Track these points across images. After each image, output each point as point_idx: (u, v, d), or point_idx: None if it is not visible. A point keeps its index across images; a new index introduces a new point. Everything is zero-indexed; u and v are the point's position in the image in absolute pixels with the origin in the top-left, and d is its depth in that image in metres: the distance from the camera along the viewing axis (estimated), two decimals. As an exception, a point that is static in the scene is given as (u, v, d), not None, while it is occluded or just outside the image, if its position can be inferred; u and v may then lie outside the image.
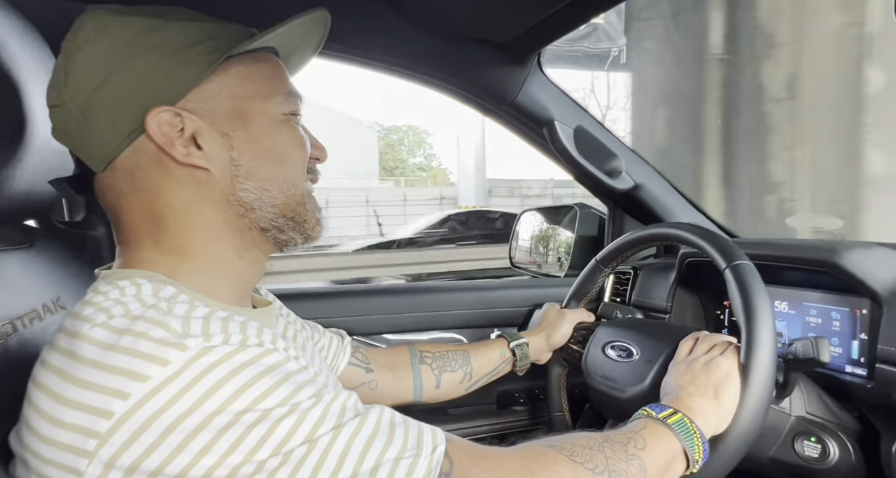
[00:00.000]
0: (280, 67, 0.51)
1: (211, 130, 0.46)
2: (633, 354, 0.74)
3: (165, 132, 0.43)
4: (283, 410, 0.37)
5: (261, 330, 0.41)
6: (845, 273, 0.68)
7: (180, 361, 0.35)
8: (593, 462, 0.47)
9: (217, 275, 0.47)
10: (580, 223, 1.27)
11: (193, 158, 0.45)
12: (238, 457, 0.35)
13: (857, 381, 0.69)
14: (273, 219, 0.48)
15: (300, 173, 0.51)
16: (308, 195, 0.52)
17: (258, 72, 0.48)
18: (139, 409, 0.34)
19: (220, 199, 0.46)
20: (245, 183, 0.47)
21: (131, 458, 0.34)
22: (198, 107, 0.45)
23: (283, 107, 0.49)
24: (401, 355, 0.80)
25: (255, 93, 0.48)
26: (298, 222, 0.50)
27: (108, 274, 0.44)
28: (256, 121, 0.47)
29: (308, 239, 0.52)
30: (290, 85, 0.51)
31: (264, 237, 0.49)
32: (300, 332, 0.63)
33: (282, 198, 0.49)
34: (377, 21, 0.88)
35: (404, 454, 0.39)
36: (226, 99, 0.46)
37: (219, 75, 0.46)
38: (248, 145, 0.47)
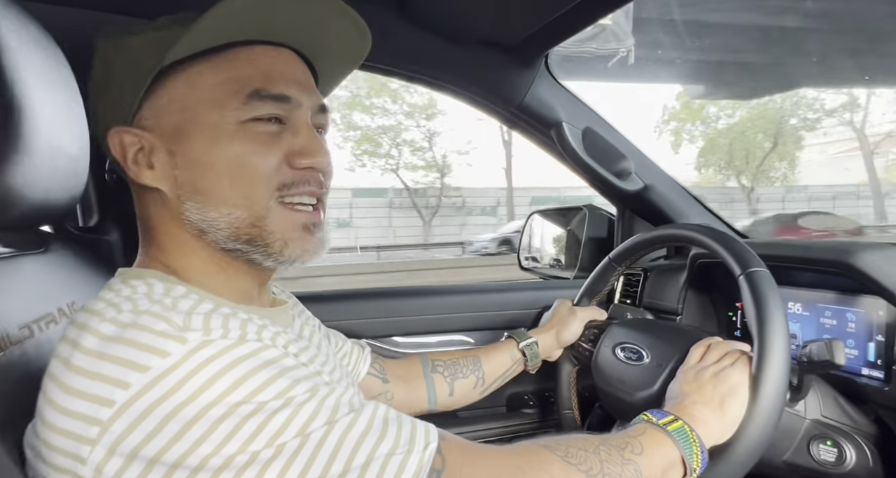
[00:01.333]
0: (253, 64, 0.45)
1: (161, 147, 0.45)
2: (643, 358, 0.73)
3: (123, 152, 0.45)
4: (277, 403, 0.37)
5: (262, 328, 0.41)
6: (860, 274, 0.66)
7: (180, 353, 0.36)
8: (587, 464, 0.47)
9: (215, 281, 0.47)
10: (589, 225, 1.27)
11: (141, 177, 0.45)
12: (233, 447, 0.35)
13: (874, 383, 0.67)
14: (226, 241, 0.45)
15: (253, 191, 0.44)
16: (270, 214, 0.45)
17: (211, 76, 0.44)
18: (139, 398, 0.35)
19: (176, 216, 0.45)
20: (186, 203, 0.45)
21: (131, 445, 0.35)
22: (150, 123, 0.45)
23: (238, 113, 0.44)
24: (413, 366, 0.80)
25: (204, 101, 0.44)
26: (257, 246, 0.45)
27: (124, 272, 0.46)
28: (200, 134, 0.44)
29: (280, 262, 0.47)
30: (264, 84, 0.44)
31: (233, 256, 0.46)
32: (316, 333, 0.63)
33: (224, 220, 0.44)
34: (385, 24, 0.88)
35: (396, 450, 0.39)
36: (173, 112, 0.44)
37: (167, 86, 0.44)
38: (188, 162, 0.44)
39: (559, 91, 1.03)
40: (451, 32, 0.91)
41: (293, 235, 0.46)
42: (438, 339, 1.10)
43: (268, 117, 0.45)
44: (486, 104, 1.03)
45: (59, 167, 0.55)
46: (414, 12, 0.86)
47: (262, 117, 0.44)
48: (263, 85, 0.44)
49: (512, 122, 1.08)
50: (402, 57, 0.94)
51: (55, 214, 0.59)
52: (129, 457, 0.35)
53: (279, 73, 0.46)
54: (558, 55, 1.02)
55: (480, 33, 0.91)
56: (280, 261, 0.47)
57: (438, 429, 0.44)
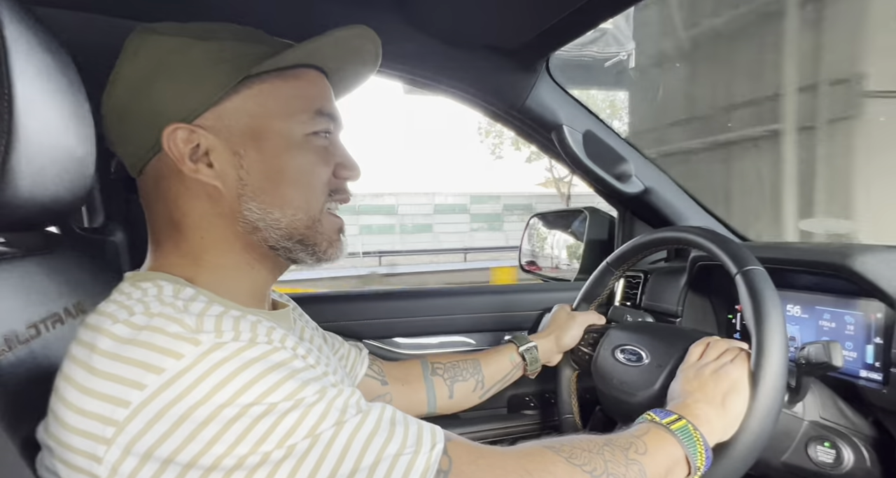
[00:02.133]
0: (315, 85, 0.51)
1: (224, 148, 0.47)
2: (643, 359, 0.74)
3: (178, 148, 0.46)
4: (287, 404, 0.38)
5: (272, 329, 0.42)
6: (858, 277, 0.67)
7: (193, 355, 0.37)
8: (591, 465, 0.47)
9: (232, 280, 0.49)
10: (590, 227, 1.27)
11: (201, 175, 0.47)
12: (245, 447, 0.36)
13: (872, 385, 0.68)
14: (279, 240, 0.49)
15: (313, 197, 0.50)
16: (323, 218, 0.51)
17: (283, 90, 0.48)
18: (154, 399, 0.36)
19: (229, 214, 0.48)
20: (249, 203, 0.47)
21: (146, 445, 0.36)
22: (213, 124, 0.47)
23: (304, 127, 0.49)
24: (413, 368, 0.80)
25: (275, 112, 0.48)
26: (307, 245, 0.50)
27: (133, 275, 0.47)
28: (270, 141, 0.48)
29: (320, 261, 0.52)
30: (322, 103, 0.51)
31: (275, 253, 0.50)
32: (316, 336, 0.64)
33: (286, 221, 0.48)
34: (386, 28, 0.89)
35: (404, 451, 0.40)
36: (242, 117, 0.47)
37: (240, 93, 0.47)
38: (257, 165, 0.47)
39: (560, 94, 1.03)
40: (452, 36, 0.91)
41: (335, 238, 0.53)
42: (439, 340, 1.11)
43: (324, 132, 0.50)
44: (488, 107, 1.04)
45: (65, 169, 0.55)
46: (416, 16, 0.87)
47: (319, 132, 0.50)
48: (322, 104, 0.51)
49: (513, 124, 1.08)
50: (404, 60, 0.95)
51: (61, 214, 0.59)
52: (144, 457, 0.36)
53: (329, 94, 0.53)
54: (559, 59, 1.03)
55: (482, 37, 0.92)
56: (321, 260, 0.52)
57: (444, 430, 0.44)
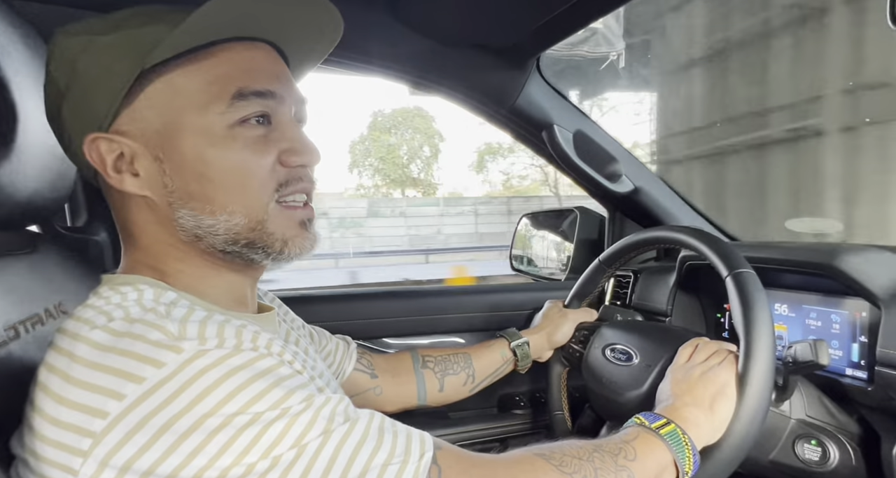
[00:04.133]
0: (234, 61, 0.43)
1: (145, 154, 0.43)
2: (632, 358, 0.74)
3: (101, 159, 0.42)
4: (273, 413, 0.37)
5: (257, 335, 0.41)
6: (844, 276, 0.68)
7: (175, 363, 0.35)
8: (582, 473, 0.47)
9: (206, 284, 0.46)
10: (581, 227, 1.28)
11: (126, 185, 0.43)
12: (228, 459, 0.35)
13: (858, 384, 0.69)
14: (225, 245, 0.44)
15: (250, 195, 0.44)
16: (269, 217, 0.45)
17: (194, 77, 0.42)
18: (133, 409, 0.34)
19: (168, 223, 0.44)
20: (180, 211, 0.43)
21: (124, 457, 0.34)
22: (130, 129, 0.42)
23: (227, 116, 0.42)
24: (403, 361, 0.80)
25: (189, 105, 0.42)
26: (256, 247, 0.45)
27: (111, 278, 0.45)
28: (188, 140, 0.42)
29: (278, 261, 0.47)
30: (245, 82, 0.43)
31: (229, 258, 0.46)
32: (302, 338, 0.63)
33: (222, 226, 0.43)
34: (376, 26, 0.89)
35: (392, 460, 0.39)
36: (155, 117, 0.42)
37: (147, 90, 0.42)
38: (178, 169, 0.42)
39: (550, 94, 1.03)
40: (443, 35, 0.91)
41: (292, 234, 0.46)
42: (430, 341, 1.10)
43: (255, 117, 0.44)
44: (478, 106, 1.03)
45: (48, 167, 0.54)
46: (406, 15, 0.87)
47: (248, 118, 0.43)
48: (245, 83, 0.43)
49: (503, 124, 1.08)
50: (393, 59, 0.94)
51: (43, 213, 0.58)
52: (123, 469, 0.34)
53: (259, 69, 0.44)
54: (549, 58, 1.03)
55: (472, 36, 0.91)
56: (280, 260, 0.47)
57: (434, 438, 0.44)
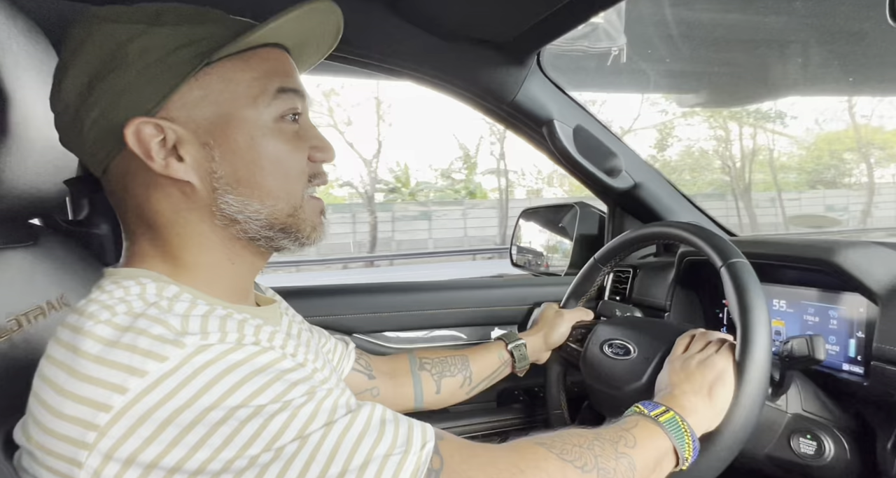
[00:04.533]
0: (275, 62, 0.48)
1: (193, 140, 0.44)
2: (630, 352, 0.74)
3: (144, 143, 0.43)
4: (275, 406, 0.37)
5: (259, 328, 0.41)
6: (842, 272, 0.68)
7: (178, 357, 0.36)
8: (582, 460, 0.48)
9: (214, 277, 0.47)
10: (580, 222, 1.28)
11: (171, 170, 0.44)
12: (231, 451, 0.35)
13: (854, 379, 0.69)
14: (260, 230, 0.47)
15: (291, 184, 0.48)
16: (304, 204, 0.49)
17: (244, 73, 0.46)
18: (137, 403, 0.35)
19: (204, 209, 0.46)
20: (225, 196, 0.45)
21: (128, 450, 0.35)
22: (179, 116, 0.44)
23: (272, 109, 0.46)
24: (401, 363, 0.80)
25: (239, 97, 0.45)
26: (290, 233, 0.49)
27: (114, 272, 0.45)
28: (240, 129, 0.45)
29: (303, 246, 0.51)
30: (283, 80, 0.47)
31: (255, 244, 0.49)
32: (304, 329, 0.64)
33: (266, 211, 0.47)
34: (376, 21, 0.88)
35: (393, 451, 0.40)
36: (207, 106, 0.44)
37: (201, 81, 0.44)
38: (228, 156, 0.45)
39: (551, 89, 1.03)
40: (443, 30, 0.91)
41: (317, 221, 0.51)
42: (430, 334, 1.11)
43: (292, 114, 0.48)
44: (478, 101, 1.03)
45: (49, 160, 0.55)
46: (406, 9, 0.86)
47: (287, 114, 0.47)
48: (285, 81, 0.47)
49: (504, 119, 1.08)
50: (394, 54, 0.94)
51: (45, 206, 0.58)
52: (127, 462, 0.35)
53: (291, 70, 0.49)
54: (550, 53, 1.02)
55: (473, 31, 0.91)
56: (304, 245, 0.51)
57: (436, 428, 0.44)
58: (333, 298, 1.06)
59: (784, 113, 16.92)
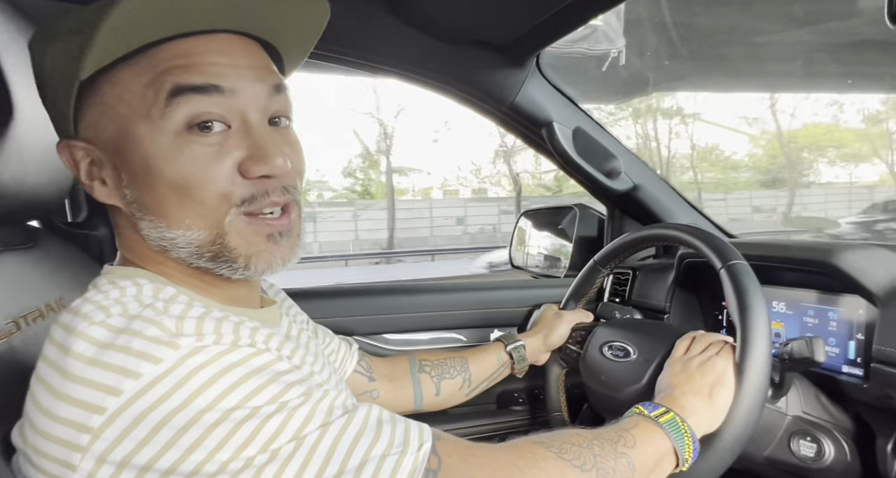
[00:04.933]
0: (182, 56, 0.39)
1: (107, 162, 0.42)
2: (630, 354, 0.74)
3: (76, 166, 0.43)
4: (271, 407, 0.37)
5: (255, 331, 0.41)
6: (841, 274, 0.68)
7: (172, 359, 0.36)
8: (581, 460, 0.47)
9: (199, 287, 0.46)
10: (580, 224, 1.28)
11: (96, 193, 0.43)
12: (227, 453, 0.35)
13: (854, 381, 0.69)
14: (190, 258, 0.43)
15: (204, 210, 0.41)
16: (231, 230, 0.42)
17: (136, 81, 0.39)
18: (131, 405, 0.35)
19: (140, 233, 0.43)
20: (141, 222, 0.42)
21: (123, 453, 0.35)
22: (90, 136, 0.41)
23: (169, 120, 0.39)
24: (400, 365, 0.80)
25: (131, 111, 0.39)
26: (222, 262, 0.43)
27: (111, 271, 0.45)
28: (136, 149, 0.40)
29: (247, 274, 0.44)
30: (183, 77, 0.39)
31: (201, 272, 0.44)
32: (305, 331, 0.63)
33: (183, 240, 0.41)
34: (376, 23, 0.88)
35: (390, 451, 0.39)
36: (108, 124, 0.40)
37: (98, 95, 0.40)
38: (133, 180, 0.41)
39: (550, 91, 1.03)
40: (442, 32, 0.91)
41: (257, 249, 0.43)
42: (430, 336, 1.11)
43: (202, 123, 0.39)
44: (478, 103, 1.04)
45: (47, 162, 0.55)
46: (405, 11, 0.86)
47: (193, 123, 0.39)
48: (182, 78, 0.38)
49: (503, 121, 1.08)
50: (393, 56, 0.94)
51: (43, 208, 0.58)
52: (121, 465, 0.35)
53: (205, 61, 0.39)
54: (549, 56, 1.03)
55: (472, 33, 0.91)
56: (248, 275, 0.44)
57: (433, 428, 0.44)
58: (333, 300, 1.06)
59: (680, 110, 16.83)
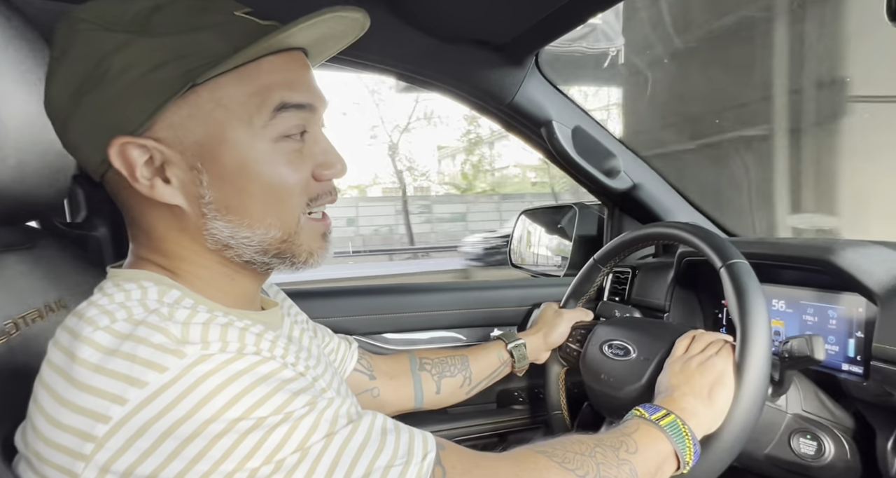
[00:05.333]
0: (279, 73, 0.43)
1: (180, 162, 0.42)
2: (630, 353, 0.74)
3: (129, 164, 0.41)
4: (276, 418, 0.37)
5: (260, 336, 0.41)
6: (841, 272, 0.68)
7: (178, 368, 0.35)
8: (584, 469, 0.47)
9: (213, 286, 0.46)
10: (579, 223, 1.28)
11: (157, 193, 0.42)
12: (231, 464, 0.35)
13: (854, 378, 0.69)
14: (254, 255, 0.45)
15: (285, 210, 0.45)
16: (301, 230, 0.46)
17: (238, 89, 0.41)
18: (136, 414, 0.34)
19: (195, 231, 0.44)
20: (214, 222, 0.43)
21: (126, 463, 0.34)
22: (166, 136, 0.41)
23: (270, 130, 0.42)
24: (401, 363, 0.80)
25: (231, 117, 0.41)
26: (284, 258, 0.46)
27: (116, 274, 0.45)
28: (230, 153, 0.42)
29: (300, 269, 0.48)
30: (288, 96, 0.43)
31: (250, 265, 0.46)
32: (306, 331, 0.63)
33: (258, 239, 0.44)
34: (375, 22, 0.88)
35: (395, 462, 0.39)
36: (196, 127, 0.41)
37: (189, 99, 0.41)
38: (217, 182, 0.42)
39: (549, 90, 1.03)
40: (442, 31, 0.91)
41: (316, 245, 0.48)
42: (429, 335, 1.11)
43: (295, 133, 0.44)
44: (477, 102, 1.03)
45: (46, 163, 0.54)
46: (405, 11, 0.86)
47: (288, 133, 0.44)
48: (287, 96, 0.43)
49: (502, 120, 1.08)
50: (392, 55, 0.94)
51: (41, 209, 0.58)
52: (124, 475, 0.34)
53: (299, 80, 0.44)
54: (548, 54, 1.02)
55: (471, 32, 0.91)
56: (300, 269, 0.48)
57: (437, 438, 0.44)
58: (333, 300, 1.06)
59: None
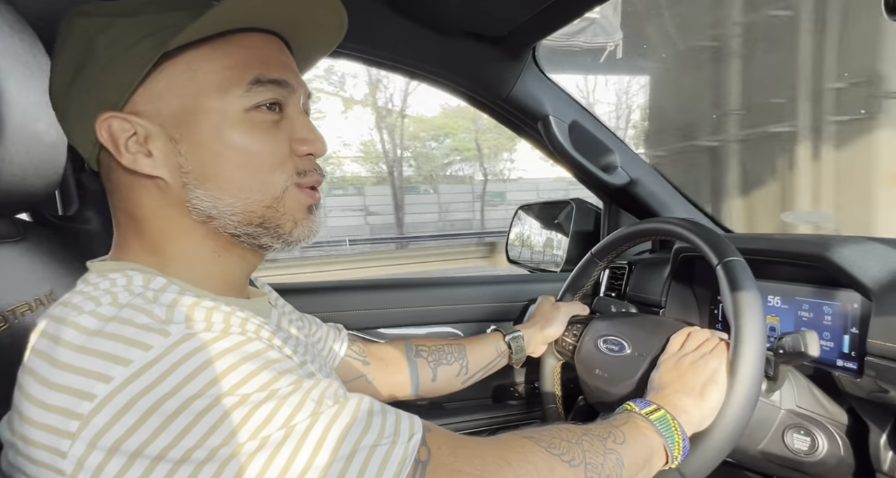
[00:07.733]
0: (253, 50, 0.45)
1: (160, 134, 0.44)
2: (625, 349, 0.74)
3: (114, 138, 0.43)
4: (261, 395, 0.37)
5: (246, 320, 0.41)
6: (836, 268, 0.68)
7: (162, 346, 0.36)
8: (570, 455, 0.47)
9: (201, 271, 0.47)
10: (576, 218, 1.28)
11: (139, 165, 0.43)
12: (216, 439, 0.35)
13: (848, 374, 0.69)
14: (238, 226, 0.46)
15: (265, 175, 0.46)
16: (286, 196, 0.47)
17: (212, 62, 0.44)
18: (121, 391, 0.35)
19: (178, 204, 0.45)
20: (195, 191, 0.44)
21: (112, 439, 0.34)
22: (146, 109, 0.43)
23: (244, 100, 0.44)
24: (397, 349, 0.80)
25: (207, 88, 0.43)
26: (269, 228, 0.47)
27: (99, 266, 0.45)
28: (206, 121, 0.44)
29: (288, 243, 0.49)
30: (261, 70, 0.45)
31: (238, 241, 0.47)
32: (294, 322, 0.63)
33: (241, 205, 0.45)
34: (371, 15, 0.88)
35: (380, 441, 0.40)
36: (173, 98, 0.43)
37: (166, 72, 0.43)
38: (195, 150, 0.44)
39: (546, 84, 1.03)
40: (438, 24, 0.90)
41: (301, 216, 0.48)
42: (425, 331, 1.11)
43: (269, 103, 0.46)
44: (473, 96, 1.03)
45: (36, 154, 0.54)
46: (402, 4, 0.86)
47: (262, 104, 0.45)
48: (262, 71, 0.45)
49: (499, 114, 1.08)
50: (389, 48, 0.93)
51: (32, 201, 0.57)
52: (111, 451, 0.35)
53: (274, 59, 0.47)
54: (546, 48, 1.02)
55: (468, 25, 0.90)
56: (288, 241, 0.48)
57: (424, 421, 0.44)
58: (327, 295, 1.06)
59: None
